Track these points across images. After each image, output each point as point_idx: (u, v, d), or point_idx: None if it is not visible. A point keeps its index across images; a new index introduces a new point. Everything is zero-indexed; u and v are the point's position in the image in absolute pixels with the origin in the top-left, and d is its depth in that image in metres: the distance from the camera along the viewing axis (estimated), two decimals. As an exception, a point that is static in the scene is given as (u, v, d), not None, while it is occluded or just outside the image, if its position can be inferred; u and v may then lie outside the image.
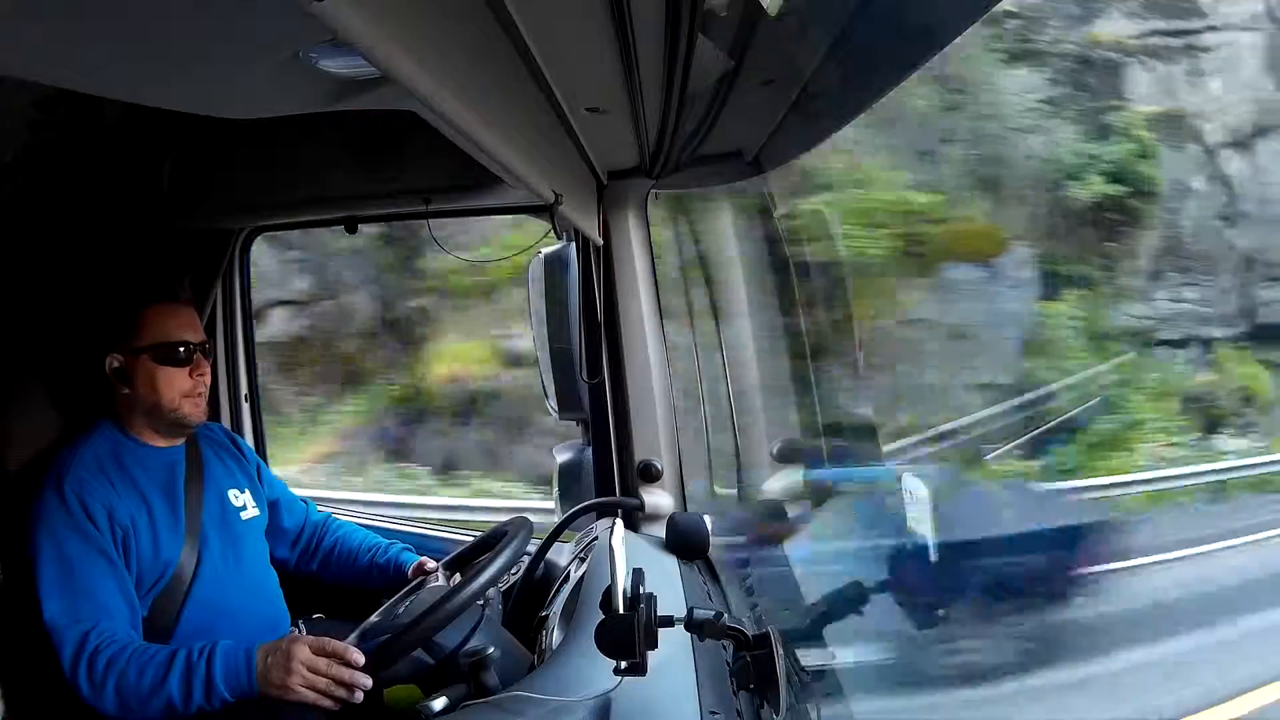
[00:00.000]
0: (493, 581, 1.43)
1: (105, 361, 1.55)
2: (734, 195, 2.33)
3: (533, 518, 1.66)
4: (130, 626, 1.46)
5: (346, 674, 1.35)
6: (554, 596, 1.64)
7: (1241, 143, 9.62)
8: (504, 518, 1.66)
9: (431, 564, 1.71)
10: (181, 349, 1.57)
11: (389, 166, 1.80)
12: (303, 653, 1.36)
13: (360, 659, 1.36)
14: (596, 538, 1.73)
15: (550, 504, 2.18)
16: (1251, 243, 9.36)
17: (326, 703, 1.35)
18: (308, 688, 1.34)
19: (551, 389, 2.10)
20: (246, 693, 1.37)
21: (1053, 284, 8.75)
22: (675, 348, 2.04)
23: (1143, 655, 4.66)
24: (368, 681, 1.35)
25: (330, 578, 1.82)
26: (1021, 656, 4.61)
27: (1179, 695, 4.23)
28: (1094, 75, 9.57)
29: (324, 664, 1.35)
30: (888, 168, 8.52)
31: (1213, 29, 9.70)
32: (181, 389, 1.57)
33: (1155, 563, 5.96)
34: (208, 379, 1.61)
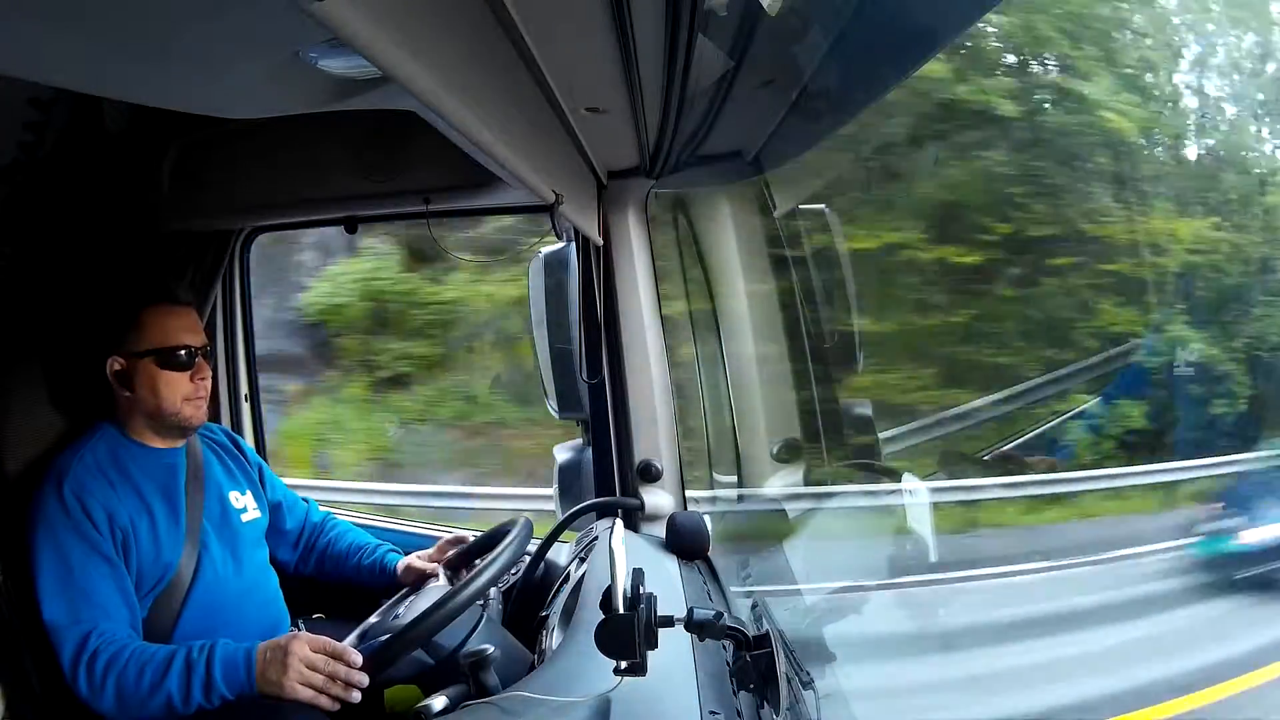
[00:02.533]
0: (493, 581, 1.43)
1: (106, 364, 1.55)
2: (734, 194, 2.33)
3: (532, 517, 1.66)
4: (130, 627, 1.45)
5: (343, 671, 1.34)
6: (554, 596, 1.64)
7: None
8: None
9: (420, 561, 1.71)
10: (182, 352, 1.56)
11: (389, 166, 1.80)
12: (301, 650, 1.36)
13: (358, 658, 1.36)
14: (596, 538, 1.73)
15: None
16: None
17: (324, 701, 1.34)
18: (304, 685, 1.34)
19: (551, 389, 2.10)
20: (245, 690, 1.37)
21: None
22: (675, 348, 2.05)
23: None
24: (364, 680, 1.35)
25: (326, 579, 1.82)
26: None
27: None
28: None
29: (321, 661, 1.35)
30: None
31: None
32: (183, 393, 1.57)
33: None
34: (209, 383, 1.61)
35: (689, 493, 2.01)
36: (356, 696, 1.35)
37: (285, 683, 1.34)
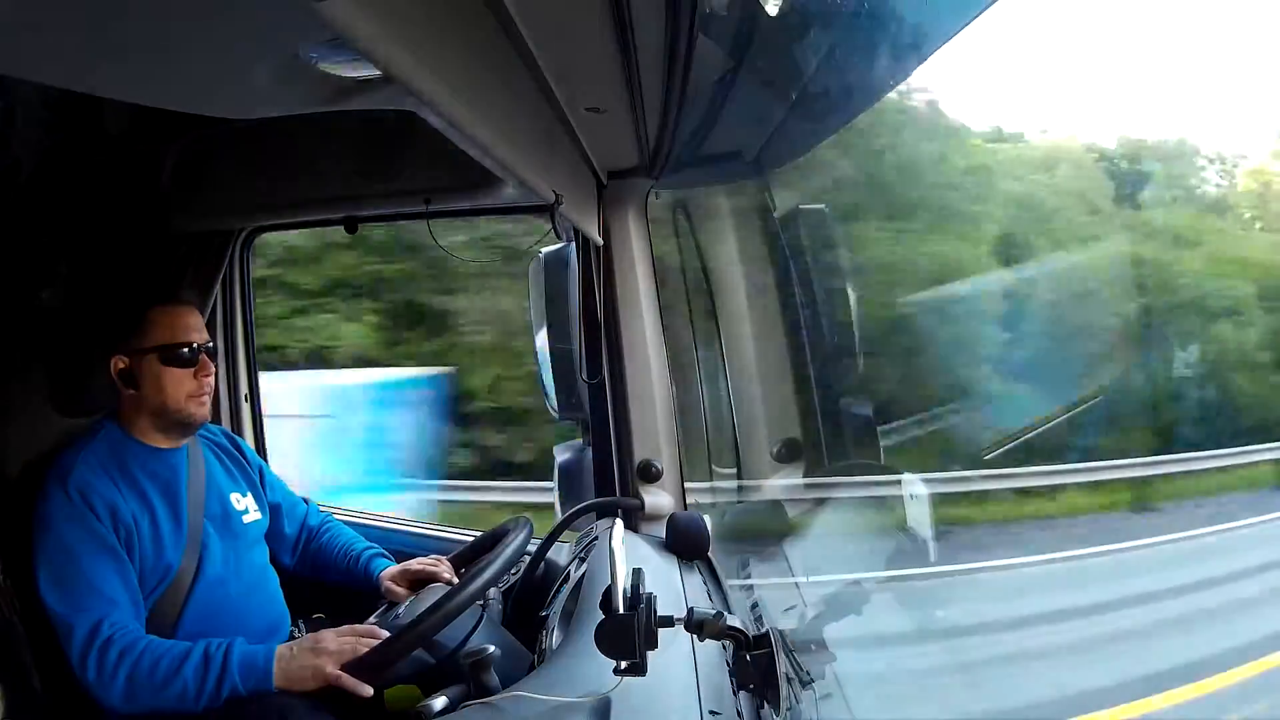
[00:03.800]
0: (493, 581, 1.43)
1: (110, 363, 1.55)
2: (734, 194, 2.33)
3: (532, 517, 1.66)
4: (136, 620, 1.46)
5: (366, 636, 1.40)
6: (554, 596, 1.64)
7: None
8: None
9: (396, 587, 1.70)
10: (186, 349, 1.57)
11: (389, 166, 1.80)
12: (327, 634, 1.40)
13: (384, 635, 1.39)
14: (596, 538, 1.73)
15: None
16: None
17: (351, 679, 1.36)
18: (337, 657, 1.37)
19: (551, 389, 2.10)
20: (262, 681, 1.37)
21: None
22: (675, 347, 2.05)
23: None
24: (385, 634, 1.39)
25: (324, 581, 1.82)
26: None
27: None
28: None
29: (350, 637, 1.40)
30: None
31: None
32: (187, 390, 1.57)
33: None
34: (212, 380, 1.62)
35: (689, 488, 2.01)
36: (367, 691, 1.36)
37: (320, 665, 1.36)
